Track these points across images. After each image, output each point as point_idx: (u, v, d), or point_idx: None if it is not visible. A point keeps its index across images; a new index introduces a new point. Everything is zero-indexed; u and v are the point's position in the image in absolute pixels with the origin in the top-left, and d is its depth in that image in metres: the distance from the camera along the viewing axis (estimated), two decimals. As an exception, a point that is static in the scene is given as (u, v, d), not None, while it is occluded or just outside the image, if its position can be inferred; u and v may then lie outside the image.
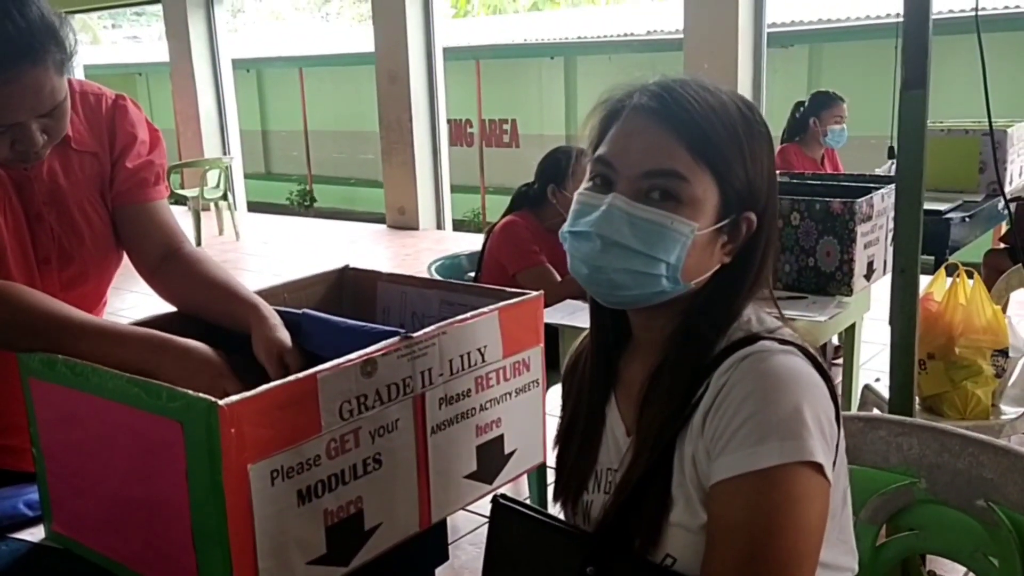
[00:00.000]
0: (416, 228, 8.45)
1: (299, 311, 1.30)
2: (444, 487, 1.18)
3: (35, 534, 1.17)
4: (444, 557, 1.38)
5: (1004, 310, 2.47)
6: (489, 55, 11.53)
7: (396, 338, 1.09)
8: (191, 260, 1.33)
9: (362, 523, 1.07)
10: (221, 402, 0.89)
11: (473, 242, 8.17)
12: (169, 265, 1.33)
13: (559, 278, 2.58)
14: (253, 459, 0.93)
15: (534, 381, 1.31)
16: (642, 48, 10.15)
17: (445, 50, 8.49)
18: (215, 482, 0.91)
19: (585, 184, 0.98)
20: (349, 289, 1.53)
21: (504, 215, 2.79)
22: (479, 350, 1.20)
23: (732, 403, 0.86)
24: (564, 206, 2.69)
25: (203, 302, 1.29)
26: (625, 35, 10.37)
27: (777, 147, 5.01)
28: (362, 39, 11.77)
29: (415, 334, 1.11)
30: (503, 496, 1.03)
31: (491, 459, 1.25)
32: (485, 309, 1.22)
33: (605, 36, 10.67)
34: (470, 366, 1.19)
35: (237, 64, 11.32)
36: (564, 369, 1.14)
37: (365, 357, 1.04)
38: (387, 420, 1.08)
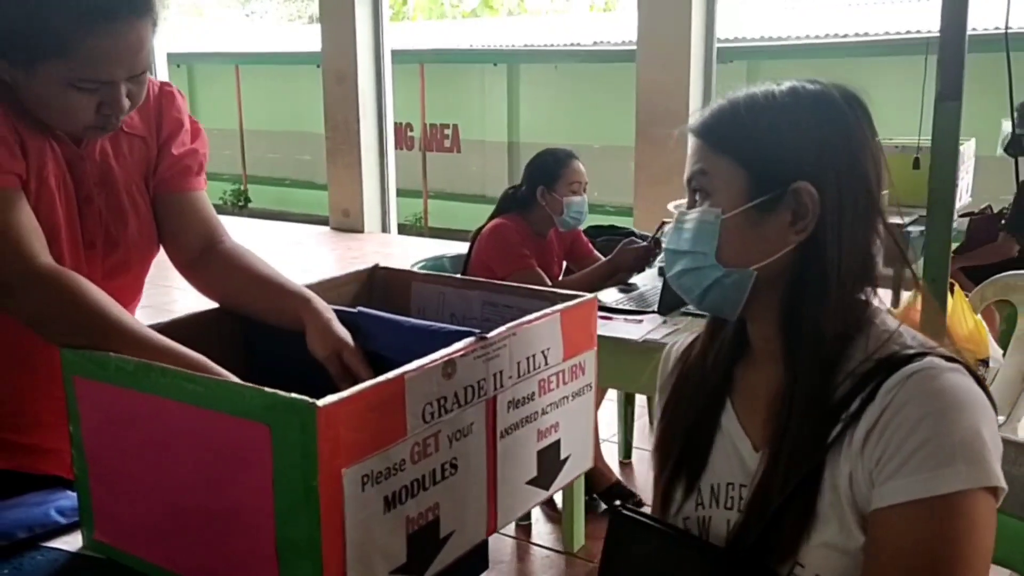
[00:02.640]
0: (361, 231, 8.32)
1: (354, 309, 1.25)
2: (509, 493, 1.14)
3: (70, 543, 1.09)
4: (485, 566, 1.34)
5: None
6: (433, 59, 11.45)
7: (472, 339, 1.05)
8: (233, 254, 1.28)
9: (438, 531, 1.03)
10: (319, 403, 0.85)
11: (419, 246, 8.11)
12: (209, 258, 1.28)
13: (548, 282, 2.56)
14: (347, 463, 0.88)
15: (588, 385, 1.28)
16: (589, 58, 10.22)
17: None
18: (309, 488, 0.86)
19: None
20: (379, 289, 1.48)
21: (491, 218, 2.75)
22: (543, 352, 1.17)
23: (904, 424, 0.82)
24: (553, 208, 2.67)
25: (248, 296, 1.24)
26: (571, 45, 10.43)
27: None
28: (301, 38, 11.58)
29: (489, 335, 1.07)
30: (622, 505, 0.99)
31: (549, 464, 1.22)
32: (548, 310, 1.18)
33: (551, 45, 10.71)
34: (534, 369, 1.16)
35: (169, 58, 10.99)
36: (663, 371, 1.11)
37: (446, 358, 1.00)
38: (463, 424, 1.04)
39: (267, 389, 0.88)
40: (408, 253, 6.10)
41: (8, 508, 1.12)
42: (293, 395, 0.86)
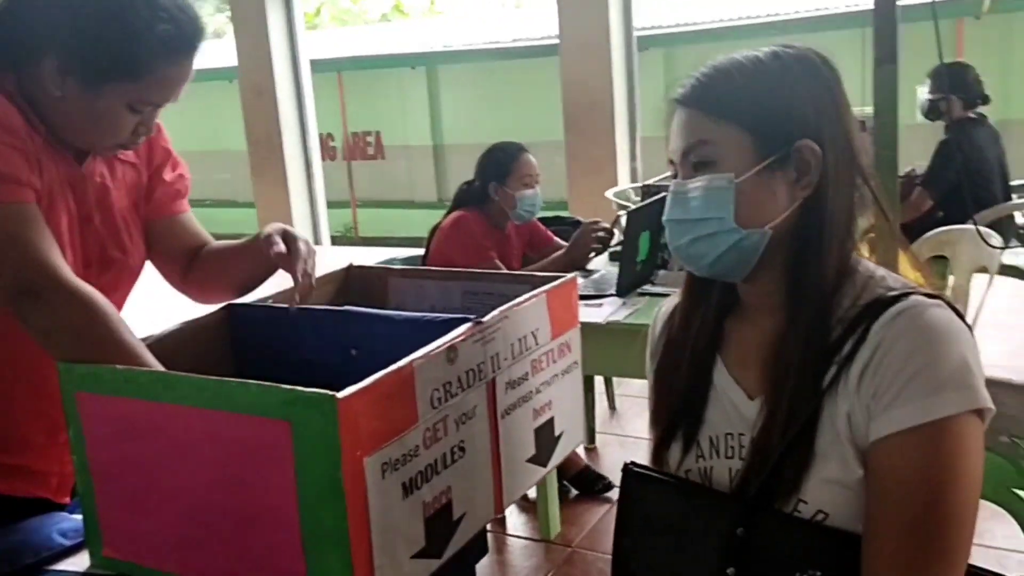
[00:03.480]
0: (293, 245, 8.21)
1: (340, 308, 1.26)
2: (512, 472, 1.17)
3: (76, 564, 1.08)
4: (486, 550, 1.37)
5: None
6: (351, 67, 11.37)
7: (470, 323, 1.08)
8: (214, 246, 1.39)
9: (451, 513, 1.05)
10: (339, 395, 0.86)
11: (354, 256, 7.99)
12: (196, 261, 1.37)
13: (507, 275, 2.59)
14: (367, 452, 0.90)
15: (575, 362, 1.32)
16: (508, 55, 10.28)
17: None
18: (334, 479, 0.87)
19: None
20: (356, 287, 1.49)
21: (448, 213, 2.77)
22: (532, 333, 1.20)
23: (897, 358, 0.87)
24: (507, 203, 2.70)
25: (236, 268, 1.35)
26: (489, 43, 10.48)
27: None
28: (209, 54, 11.34)
29: (485, 319, 1.10)
30: (633, 463, 1.02)
31: (546, 442, 1.25)
32: (534, 292, 1.22)
33: (469, 45, 10.75)
34: (526, 349, 1.19)
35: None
36: (652, 337, 1.14)
37: (448, 344, 1.03)
38: (468, 407, 1.07)
39: (285, 386, 0.89)
40: (345, 264, 6.05)
41: (10, 534, 1.11)
42: (312, 389, 0.88)
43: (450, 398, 1.03)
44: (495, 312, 1.12)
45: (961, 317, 0.91)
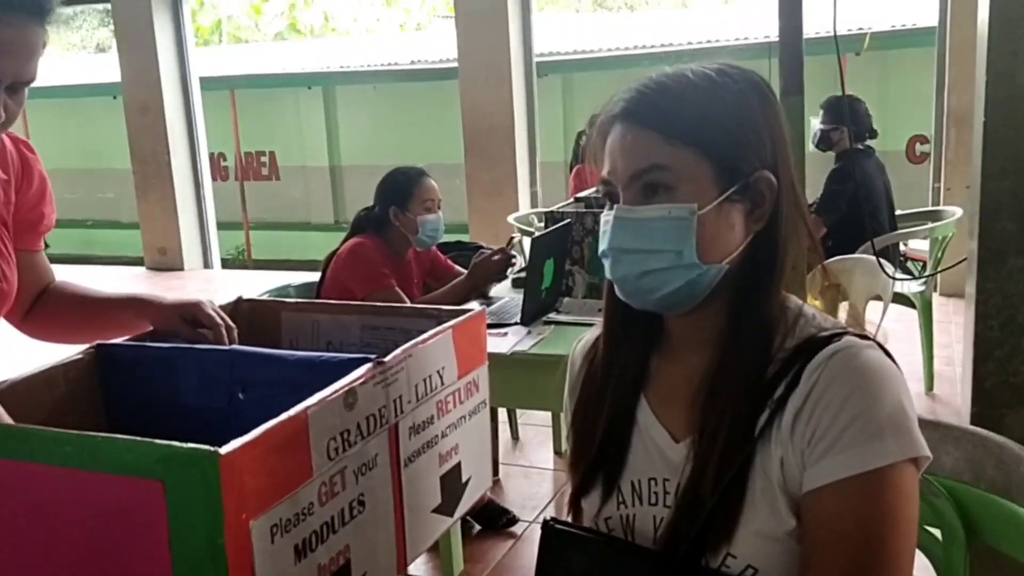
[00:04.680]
0: (181, 269, 7.86)
1: (226, 347, 1.15)
2: (416, 524, 1.08)
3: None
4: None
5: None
6: (244, 85, 11.04)
7: (370, 364, 0.99)
8: (61, 288, 1.32)
9: (350, 575, 0.95)
10: (221, 450, 0.76)
11: (247, 280, 7.74)
12: (41, 300, 1.29)
13: (408, 302, 2.49)
14: (254, 514, 0.80)
15: (482, 402, 1.25)
16: (407, 78, 10.19)
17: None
18: (214, 546, 0.77)
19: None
20: (245, 321, 1.37)
21: (345, 239, 2.65)
22: (438, 372, 1.13)
23: (832, 403, 0.82)
24: (408, 228, 2.61)
25: (83, 320, 1.28)
26: (388, 64, 10.37)
27: (571, 170, 5.22)
28: (90, 69, 10.83)
29: (386, 359, 1.01)
30: (554, 519, 0.94)
31: (452, 490, 1.17)
32: (440, 328, 1.14)
33: (367, 65, 10.60)
34: (432, 390, 1.11)
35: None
36: (571, 373, 1.05)
37: (347, 388, 0.94)
38: (368, 456, 0.98)
39: (158, 441, 0.78)
40: (236, 288, 5.82)
41: None
42: (190, 445, 0.77)
43: (348, 447, 0.94)
44: (398, 351, 1.04)
45: (892, 358, 0.87)
